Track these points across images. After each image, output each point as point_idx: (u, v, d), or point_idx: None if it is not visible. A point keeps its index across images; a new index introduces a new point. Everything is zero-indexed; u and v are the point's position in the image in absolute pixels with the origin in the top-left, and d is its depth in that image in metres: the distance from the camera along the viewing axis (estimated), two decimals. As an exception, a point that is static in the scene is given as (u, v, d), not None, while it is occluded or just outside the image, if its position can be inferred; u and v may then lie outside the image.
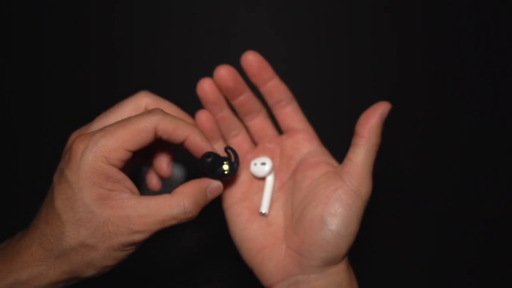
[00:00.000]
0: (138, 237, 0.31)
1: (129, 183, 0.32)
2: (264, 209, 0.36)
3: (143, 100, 0.34)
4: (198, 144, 0.33)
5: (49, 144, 0.70)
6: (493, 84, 0.69)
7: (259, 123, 0.40)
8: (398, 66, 0.68)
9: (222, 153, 0.36)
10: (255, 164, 0.37)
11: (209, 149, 0.33)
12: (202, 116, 0.39)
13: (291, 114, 0.40)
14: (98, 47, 0.68)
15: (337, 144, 0.69)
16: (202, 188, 0.34)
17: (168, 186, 0.39)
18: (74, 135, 0.35)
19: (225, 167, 0.34)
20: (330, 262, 0.33)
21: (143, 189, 0.42)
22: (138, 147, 0.31)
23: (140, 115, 0.32)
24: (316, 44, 0.68)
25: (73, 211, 0.30)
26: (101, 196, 0.30)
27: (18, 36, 0.68)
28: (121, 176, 0.31)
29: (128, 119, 0.32)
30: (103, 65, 0.68)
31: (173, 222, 0.32)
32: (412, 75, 0.69)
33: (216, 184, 0.35)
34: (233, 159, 0.35)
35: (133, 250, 0.32)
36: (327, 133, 0.70)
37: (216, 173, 0.34)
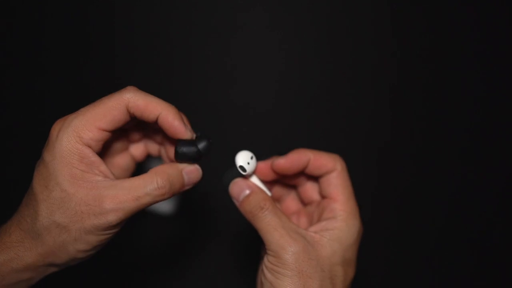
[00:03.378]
0: (112, 218, 0.30)
1: (104, 168, 0.32)
2: (268, 193, 0.36)
3: (126, 96, 0.33)
4: (170, 122, 0.32)
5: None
6: (493, 84, 0.69)
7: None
8: (398, 66, 0.68)
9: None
10: (248, 163, 0.36)
11: (181, 129, 0.33)
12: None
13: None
14: (98, 47, 0.68)
15: (336, 143, 0.69)
16: (178, 168, 0.34)
17: None
18: None
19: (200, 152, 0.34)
20: None
21: None
22: (112, 125, 0.31)
23: (112, 94, 0.32)
24: (316, 44, 0.68)
25: (47, 190, 0.30)
26: (74, 176, 0.30)
27: (19, 36, 0.68)
28: (95, 159, 0.31)
29: (100, 99, 0.32)
30: (103, 65, 0.68)
31: (148, 199, 0.31)
32: (412, 75, 0.69)
33: (192, 167, 0.34)
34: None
35: (107, 237, 0.32)
36: (327, 132, 0.70)
37: (185, 158, 0.34)
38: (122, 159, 0.38)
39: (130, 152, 0.39)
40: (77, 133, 0.30)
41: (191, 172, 0.34)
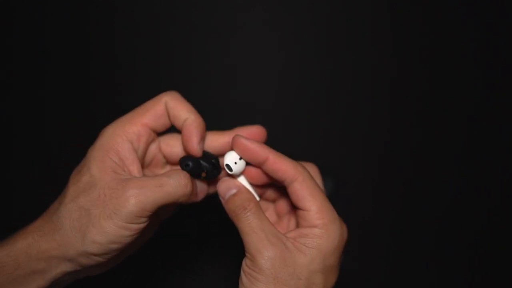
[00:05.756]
0: (132, 202, 0.30)
1: (133, 168, 0.33)
2: (257, 197, 0.36)
3: (166, 95, 0.35)
4: (190, 132, 0.34)
5: (49, 146, 0.70)
6: (493, 84, 0.69)
7: None
8: (398, 66, 0.68)
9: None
10: (235, 162, 0.35)
11: (193, 144, 0.34)
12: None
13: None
14: (99, 48, 0.68)
15: (335, 142, 0.69)
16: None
17: None
18: None
19: (203, 175, 0.34)
20: None
21: None
22: (154, 120, 0.34)
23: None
24: (316, 44, 0.68)
25: (79, 175, 0.32)
26: (105, 164, 0.32)
27: (19, 37, 0.68)
28: (131, 156, 0.33)
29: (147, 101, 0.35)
30: (103, 65, 0.68)
31: (169, 189, 0.32)
32: (413, 75, 0.69)
33: (203, 183, 0.36)
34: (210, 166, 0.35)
35: (124, 233, 0.31)
36: (327, 132, 0.70)
37: (195, 176, 0.34)
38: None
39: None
40: (122, 126, 0.33)
41: (203, 184, 0.36)
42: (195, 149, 0.34)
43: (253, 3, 0.67)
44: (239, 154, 0.35)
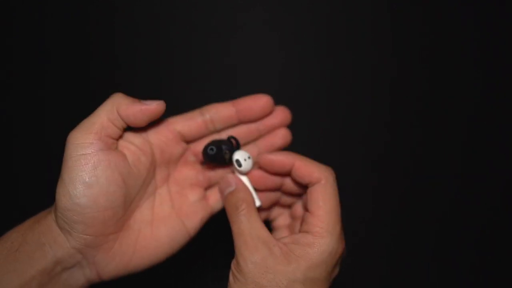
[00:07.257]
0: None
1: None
2: (257, 202, 0.36)
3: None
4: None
5: (49, 146, 0.70)
6: (493, 84, 0.69)
7: None
8: (398, 66, 0.68)
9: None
10: (245, 159, 0.36)
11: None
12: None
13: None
14: (98, 48, 0.68)
15: (335, 143, 0.69)
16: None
17: None
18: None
19: (227, 156, 0.35)
20: None
21: None
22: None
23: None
24: (316, 44, 0.68)
25: None
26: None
27: (19, 37, 0.68)
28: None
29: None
30: (102, 65, 0.68)
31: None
32: (413, 75, 0.69)
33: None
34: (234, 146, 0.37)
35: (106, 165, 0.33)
36: (327, 132, 0.70)
37: (218, 161, 0.35)
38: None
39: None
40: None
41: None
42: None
43: (253, 3, 0.67)
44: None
